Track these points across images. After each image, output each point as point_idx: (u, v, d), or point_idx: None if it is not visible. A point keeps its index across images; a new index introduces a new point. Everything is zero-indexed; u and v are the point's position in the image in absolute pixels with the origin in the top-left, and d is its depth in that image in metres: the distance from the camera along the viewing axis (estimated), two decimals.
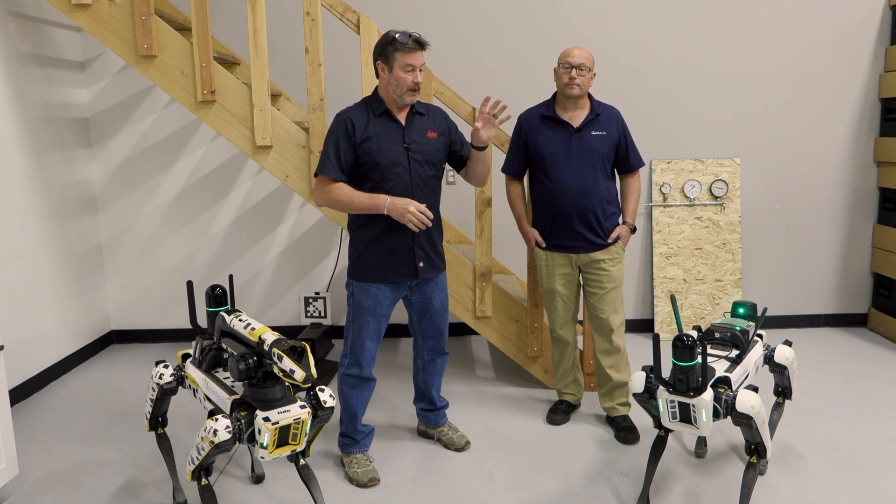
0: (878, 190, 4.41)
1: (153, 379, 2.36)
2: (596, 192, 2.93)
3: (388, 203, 2.49)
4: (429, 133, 2.65)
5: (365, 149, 2.53)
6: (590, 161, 2.93)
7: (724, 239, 4.35)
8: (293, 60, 4.15)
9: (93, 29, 3.14)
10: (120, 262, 4.31)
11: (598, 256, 2.99)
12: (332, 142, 2.55)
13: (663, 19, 4.20)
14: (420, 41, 2.49)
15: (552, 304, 3.11)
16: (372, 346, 2.68)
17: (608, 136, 2.95)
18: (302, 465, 2.16)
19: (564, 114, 2.97)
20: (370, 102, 2.61)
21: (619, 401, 3.09)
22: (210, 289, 2.37)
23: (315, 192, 2.59)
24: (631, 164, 3.04)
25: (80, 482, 2.68)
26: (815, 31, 4.24)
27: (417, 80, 2.51)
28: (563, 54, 2.91)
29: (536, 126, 3.01)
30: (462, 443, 2.91)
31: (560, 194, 2.95)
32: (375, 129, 2.56)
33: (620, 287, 3.05)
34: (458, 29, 4.18)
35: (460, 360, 4.03)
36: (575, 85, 2.87)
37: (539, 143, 2.98)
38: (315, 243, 4.37)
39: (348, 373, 2.69)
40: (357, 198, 2.52)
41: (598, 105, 2.98)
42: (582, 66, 2.85)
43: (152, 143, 4.22)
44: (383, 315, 2.67)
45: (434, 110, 2.73)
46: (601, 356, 3.08)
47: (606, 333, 3.05)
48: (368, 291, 2.63)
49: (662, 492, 2.55)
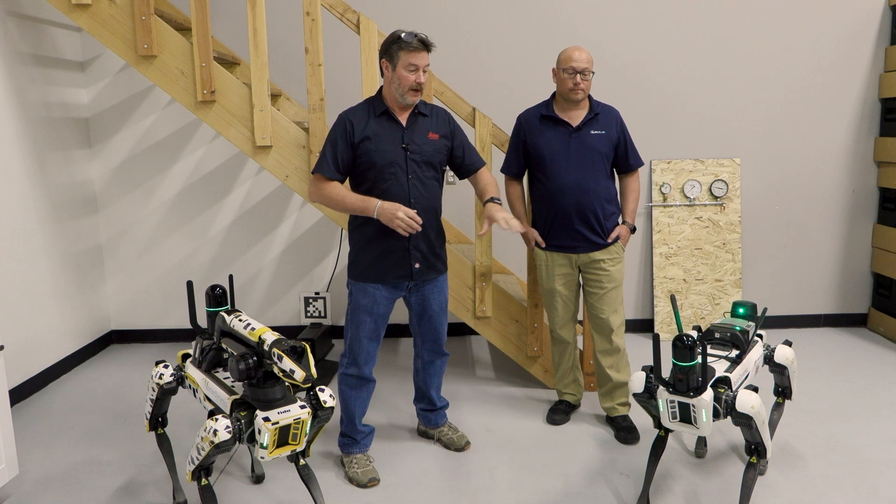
0: (878, 190, 4.41)
1: (153, 379, 2.36)
2: (595, 191, 2.94)
3: (378, 207, 2.49)
4: (430, 134, 2.65)
5: (363, 148, 2.54)
6: (589, 160, 2.93)
7: (724, 239, 4.35)
8: (293, 60, 4.15)
9: (93, 29, 3.14)
10: (120, 262, 4.31)
11: (597, 256, 2.99)
12: (330, 142, 2.56)
13: (663, 19, 4.20)
14: (425, 42, 2.49)
15: (552, 303, 3.11)
16: (369, 345, 2.68)
17: (607, 136, 2.96)
18: (302, 465, 2.16)
19: (563, 114, 2.97)
20: (372, 102, 2.62)
21: (619, 401, 3.09)
22: (210, 289, 2.37)
23: (309, 189, 2.61)
24: (630, 163, 3.04)
25: (80, 482, 2.68)
26: (815, 31, 4.24)
27: (420, 80, 2.50)
28: (565, 58, 2.88)
29: (536, 126, 3.01)
30: (462, 443, 2.91)
31: (559, 194, 2.95)
32: (374, 128, 2.56)
33: (620, 287, 3.05)
34: (459, 29, 4.18)
35: (460, 360, 4.03)
36: (580, 90, 2.88)
37: (538, 143, 2.99)
38: (315, 243, 4.37)
39: (347, 372, 2.70)
40: (349, 199, 2.53)
41: (598, 105, 2.99)
42: (586, 71, 2.85)
43: (152, 143, 4.22)
44: (380, 315, 2.67)
45: (438, 111, 2.72)
46: (601, 356, 3.08)
47: (606, 333, 3.05)
48: (365, 291, 2.63)
49: (662, 492, 2.55)
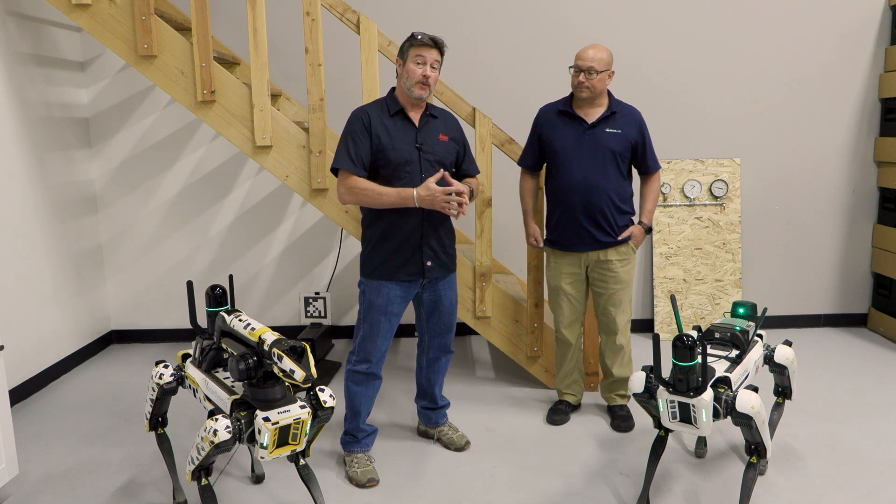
0: (878, 190, 4.41)
1: (153, 379, 2.36)
2: (605, 188, 2.92)
3: (416, 196, 2.49)
4: (440, 136, 2.67)
5: (377, 146, 2.55)
6: (601, 158, 2.91)
7: (724, 239, 4.35)
8: (293, 60, 4.15)
9: (93, 29, 3.14)
10: (120, 262, 4.31)
11: (607, 256, 2.99)
12: (350, 138, 2.56)
13: (663, 19, 4.20)
14: (435, 40, 2.53)
15: (557, 302, 3.11)
16: (383, 344, 2.68)
17: (623, 135, 2.93)
18: (302, 465, 2.16)
19: (580, 110, 2.96)
20: (386, 102, 2.64)
21: (619, 392, 3.17)
22: (210, 289, 2.37)
23: (339, 189, 2.58)
24: (648, 165, 3.03)
25: (80, 482, 2.68)
26: (815, 31, 4.23)
27: (426, 73, 2.53)
28: (576, 55, 2.90)
29: (552, 121, 3.01)
30: (462, 443, 2.91)
31: (568, 189, 2.95)
32: (390, 127, 2.58)
33: (629, 288, 3.05)
34: (459, 29, 4.18)
35: (460, 360, 4.03)
36: (584, 88, 2.87)
37: (552, 138, 2.99)
38: (315, 243, 4.37)
39: (356, 369, 2.69)
40: (386, 193, 2.52)
41: (617, 104, 2.97)
42: (591, 70, 2.84)
43: (152, 143, 4.22)
44: (394, 314, 2.67)
45: (448, 115, 2.76)
46: (605, 351, 3.15)
47: (612, 331, 3.08)
48: (379, 290, 2.63)
49: (662, 492, 2.55)
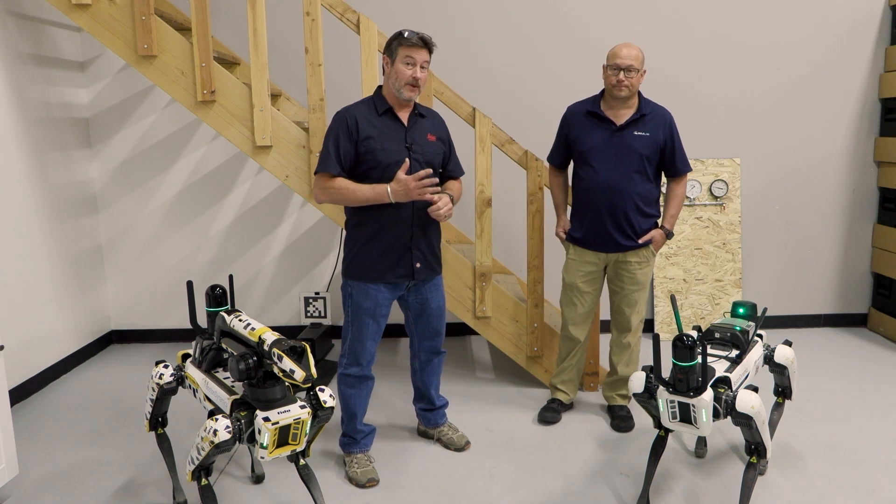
0: (878, 190, 4.41)
1: (153, 379, 2.36)
2: (630, 191, 2.89)
3: (390, 191, 2.47)
4: (429, 136, 2.65)
5: (366, 146, 2.52)
6: (627, 160, 2.88)
7: (724, 239, 4.35)
8: (293, 60, 4.15)
9: (93, 29, 3.14)
10: (120, 262, 4.31)
11: (626, 258, 2.98)
12: (332, 138, 2.53)
13: (663, 19, 4.20)
14: (425, 39, 2.49)
15: (570, 299, 3.11)
16: (372, 346, 2.68)
17: (651, 138, 2.89)
18: (302, 465, 2.16)
19: (609, 111, 2.93)
20: (373, 101, 2.61)
21: (621, 391, 3.18)
22: (210, 289, 2.37)
23: (314, 189, 2.58)
24: (677, 167, 2.98)
25: (80, 482, 2.68)
26: (815, 30, 4.23)
27: (416, 74, 2.50)
28: (611, 54, 2.85)
29: (580, 121, 2.98)
30: (462, 443, 2.91)
31: (593, 191, 2.93)
32: (378, 127, 2.55)
33: (645, 289, 3.05)
34: (459, 29, 4.17)
35: (460, 360, 4.02)
36: (624, 87, 2.83)
37: (580, 138, 2.96)
38: (315, 243, 4.37)
39: (347, 372, 2.69)
40: (360, 190, 2.50)
41: (647, 105, 2.92)
42: (630, 68, 2.80)
43: (152, 143, 4.22)
44: (382, 315, 2.67)
45: (435, 115, 2.74)
46: (614, 348, 3.17)
47: (624, 330, 3.11)
48: (367, 293, 2.61)
49: (662, 492, 2.55)
